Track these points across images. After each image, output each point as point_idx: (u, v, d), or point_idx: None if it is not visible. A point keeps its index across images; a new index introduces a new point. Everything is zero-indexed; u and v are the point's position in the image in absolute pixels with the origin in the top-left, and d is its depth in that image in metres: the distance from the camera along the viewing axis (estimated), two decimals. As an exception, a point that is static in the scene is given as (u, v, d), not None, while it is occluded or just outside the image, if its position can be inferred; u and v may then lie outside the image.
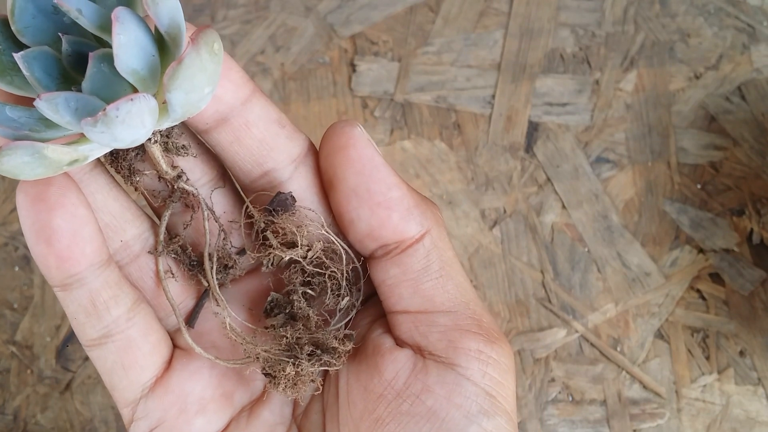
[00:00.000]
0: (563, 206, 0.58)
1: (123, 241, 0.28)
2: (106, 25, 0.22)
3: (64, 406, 0.54)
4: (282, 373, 0.26)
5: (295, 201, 0.27)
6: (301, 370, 0.26)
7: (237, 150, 0.27)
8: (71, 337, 0.56)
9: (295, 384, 0.26)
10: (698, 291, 0.56)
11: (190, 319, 0.29)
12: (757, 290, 0.56)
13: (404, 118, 0.61)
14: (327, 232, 0.27)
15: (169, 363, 0.28)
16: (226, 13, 0.65)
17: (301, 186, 0.27)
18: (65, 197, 0.24)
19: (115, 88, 0.23)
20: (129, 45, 0.21)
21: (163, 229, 0.28)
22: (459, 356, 0.25)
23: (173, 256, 0.28)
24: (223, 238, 0.28)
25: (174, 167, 0.27)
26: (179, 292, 0.29)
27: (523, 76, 0.62)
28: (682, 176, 0.59)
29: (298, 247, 0.27)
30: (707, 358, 0.54)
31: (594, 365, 0.54)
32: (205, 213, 0.27)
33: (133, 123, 0.21)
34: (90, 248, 0.25)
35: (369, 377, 0.27)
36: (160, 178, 0.27)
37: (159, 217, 0.29)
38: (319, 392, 0.28)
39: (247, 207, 0.28)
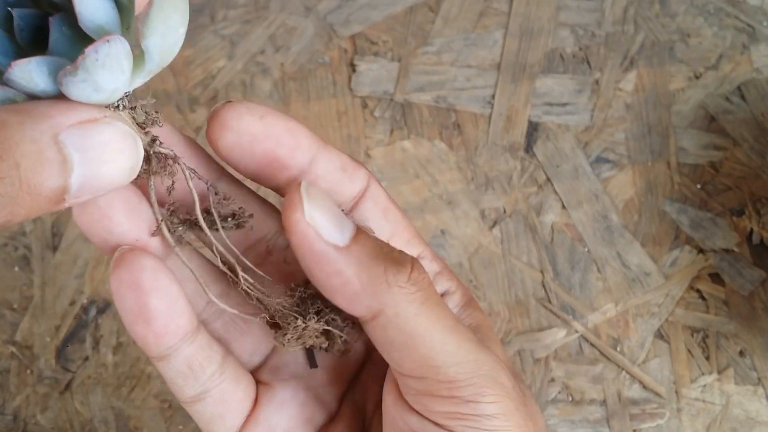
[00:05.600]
0: (563, 206, 0.58)
1: (208, 302, 0.29)
2: None
3: (63, 406, 0.54)
4: (289, 326, 0.27)
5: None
6: (308, 326, 0.27)
7: None
8: (71, 337, 0.56)
9: (299, 338, 0.27)
10: (698, 291, 0.56)
11: (311, 362, 0.31)
12: (757, 290, 0.55)
13: (404, 118, 0.61)
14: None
15: (256, 399, 0.30)
16: (226, 13, 0.65)
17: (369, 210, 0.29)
18: (159, 280, 0.26)
19: (81, 50, 0.22)
20: (89, 1, 0.21)
21: (153, 198, 0.27)
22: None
23: (176, 224, 0.28)
24: (216, 193, 0.28)
25: (146, 132, 0.26)
26: (260, 340, 0.31)
27: (523, 76, 0.62)
28: (682, 176, 0.59)
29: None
30: (707, 358, 0.54)
31: (594, 365, 0.54)
32: (187, 173, 0.27)
33: (112, 67, 0.21)
34: (183, 321, 0.27)
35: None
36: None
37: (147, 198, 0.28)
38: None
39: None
